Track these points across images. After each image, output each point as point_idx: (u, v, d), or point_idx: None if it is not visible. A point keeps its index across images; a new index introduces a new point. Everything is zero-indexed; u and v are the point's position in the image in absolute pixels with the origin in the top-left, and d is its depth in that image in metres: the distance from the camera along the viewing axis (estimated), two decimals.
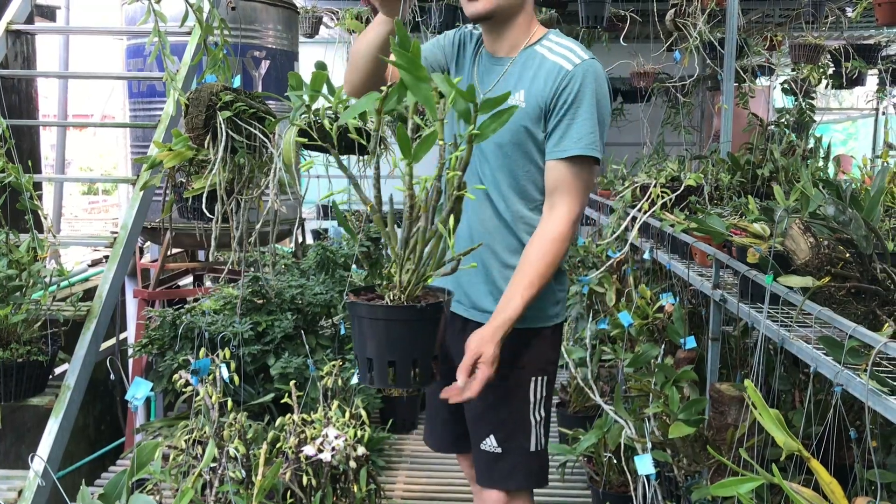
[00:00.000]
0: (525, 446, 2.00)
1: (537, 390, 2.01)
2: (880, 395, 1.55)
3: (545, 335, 2.03)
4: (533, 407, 2.01)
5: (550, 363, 2.06)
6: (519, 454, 2.00)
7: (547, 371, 2.04)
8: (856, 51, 6.30)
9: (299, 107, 2.75)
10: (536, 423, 2.01)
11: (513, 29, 2.01)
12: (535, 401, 2.01)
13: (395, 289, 1.75)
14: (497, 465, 2.00)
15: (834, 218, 1.91)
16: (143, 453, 2.05)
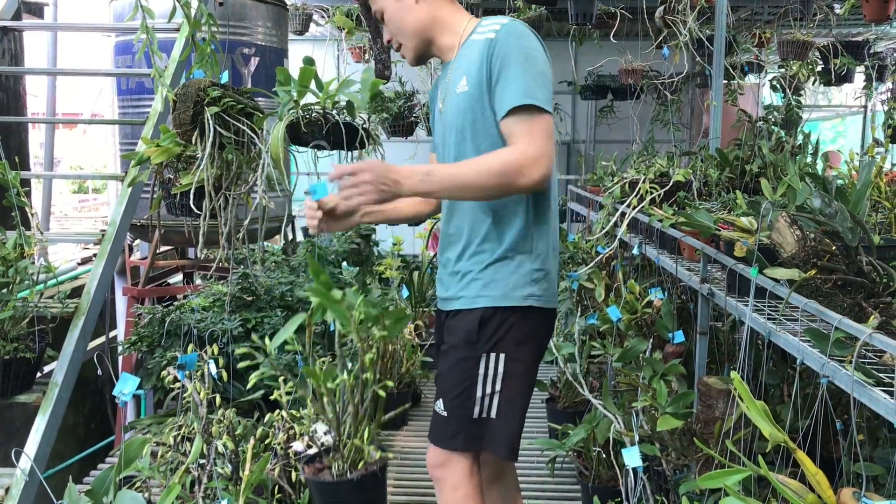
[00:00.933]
0: (468, 414, 2.03)
1: (489, 366, 2.02)
2: (865, 387, 1.55)
3: (506, 315, 2.02)
4: (482, 380, 2.02)
5: (515, 343, 2.03)
6: (462, 419, 2.04)
7: (505, 350, 2.02)
8: (844, 47, 6.33)
9: (287, 102, 2.76)
10: (484, 395, 2.02)
11: (441, 42, 2.12)
12: (485, 375, 2.02)
13: (339, 460, 2.03)
14: (443, 427, 2.07)
15: (820, 211, 1.92)
16: (131, 449, 2.05)
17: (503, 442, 2.04)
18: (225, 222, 2.94)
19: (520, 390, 2.07)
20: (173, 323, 3.56)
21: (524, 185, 1.88)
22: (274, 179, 2.86)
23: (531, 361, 2.09)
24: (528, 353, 2.07)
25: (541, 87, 1.91)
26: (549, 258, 2.08)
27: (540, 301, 2.05)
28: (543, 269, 2.06)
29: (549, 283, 2.08)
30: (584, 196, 5.15)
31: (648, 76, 6.97)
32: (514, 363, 2.04)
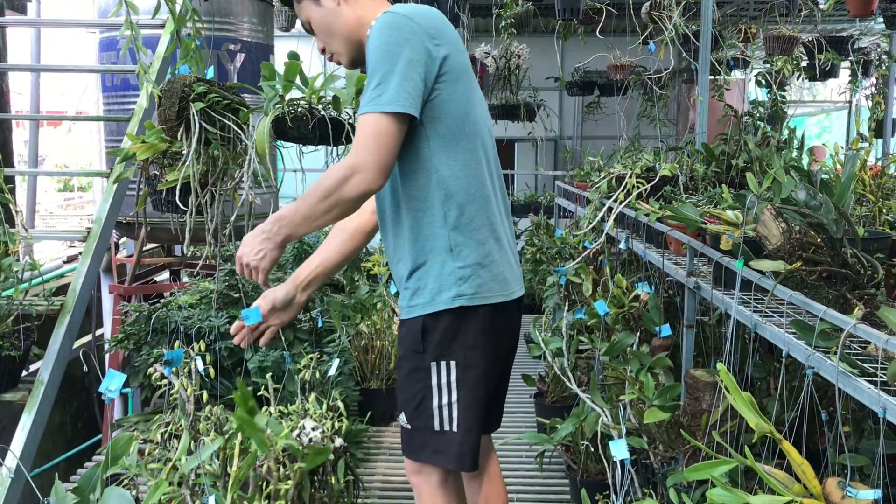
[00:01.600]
0: (430, 425, 1.99)
1: (441, 374, 1.97)
2: (850, 377, 1.56)
3: (445, 321, 1.95)
4: (437, 390, 1.97)
5: (462, 347, 1.96)
6: (423, 433, 2.01)
7: (454, 356, 1.96)
8: (829, 43, 6.37)
9: (272, 97, 2.75)
10: (441, 405, 1.97)
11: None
12: (439, 384, 1.97)
13: None
14: (409, 439, 2.05)
15: (805, 203, 1.93)
16: (118, 446, 2.04)
17: (468, 455, 1.99)
18: (211, 219, 2.93)
19: (478, 397, 1.99)
20: (160, 320, 3.55)
21: (356, 195, 1.83)
22: (260, 175, 2.86)
23: (489, 362, 2.00)
24: (481, 357, 1.97)
25: (394, 80, 1.81)
26: (477, 250, 1.96)
27: (474, 299, 1.94)
28: (469, 264, 1.94)
29: (484, 278, 1.96)
30: (571, 192, 5.15)
31: (636, 72, 6.99)
32: (468, 370, 1.97)
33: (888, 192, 2.73)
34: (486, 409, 2.04)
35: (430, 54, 1.86)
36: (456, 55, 1.93)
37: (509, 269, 2.04)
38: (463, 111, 1.95)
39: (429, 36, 1.86)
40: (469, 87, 1.97)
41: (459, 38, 1.99)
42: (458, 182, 1.94)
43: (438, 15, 1.96)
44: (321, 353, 3.47)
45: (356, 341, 4.07)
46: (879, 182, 2.69)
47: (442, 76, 1.89)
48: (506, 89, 6.91)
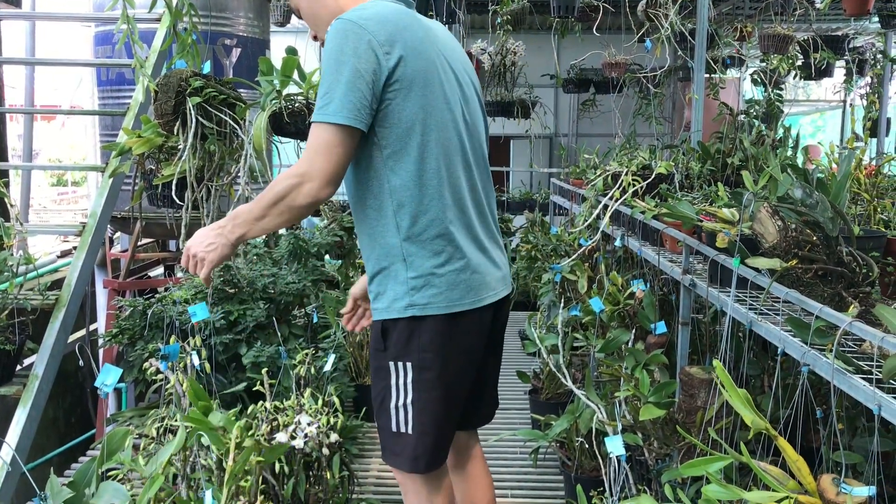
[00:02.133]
0: (388, 426, 2.01)
1: (398, 374, 1.97)
2: (846, 374, 1.57)
3: (400, 326, 1.95)
4: (395, 390, 1.98)
5: (416, 351, 1.95)
6: (384, 433, 2.03)
7: (409, 358, 1.96)
8: (824, 42, 6.39)
9: (269, 92, 2.75)
10: (397, 406, 1.98)
11: None
12: (397, 384, 1.98)
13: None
14: (380, 439, 2.07)
15: (801, 201, 1.94)
16: (113, 441, 2.04)
17: (423, 457, 2.00)
18: (207, 213, 2.93)
19: (434, 399, 1.98)
20: (155, 315, 3.54)
21: (305, 203, 1.85)
22: (256, 170, 2.85)
23: (450, 366, 1.98)
24: (437, 360, 1.95)
25: (335, 94, 1.81)
26: (431, 260, 1.94)
27: (425, 309, 1.93)
28: (421, 275, 1.93)
29: (439, 287, 1.94)
30: (566, 189, 5.16)
31: (631, 70, 7.00)
32: (423, 371, 1.96)
33: (883, 190, 2.74)
34: (447, 412, 2.02)
35: (378, 63, 1.82)
36: (412, 61, 1.87)
37: (480, 275, 2.00)
38: (417, 119, 1.89)
39: (378, 44, 1.83)
40: (427, 93, 1.90)
41: (425, 40, 1.93)
42: (409, 192, 1.91)
43: (395, 18, 1.90)
44: (316, 348, 3.48)
45: (351, 337, 4.07)
46: (874, 181, 2.70)
47: (391, 85, 1.85)
48: (501, 86, 6.91)
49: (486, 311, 2.04)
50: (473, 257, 1.99)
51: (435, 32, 2.01)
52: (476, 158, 2.08)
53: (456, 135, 1.99)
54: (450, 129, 1.97)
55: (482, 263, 2.02)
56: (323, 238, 4.46)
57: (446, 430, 2.03)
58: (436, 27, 2.06)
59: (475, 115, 2.11)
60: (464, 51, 2.18)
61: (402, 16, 1.92)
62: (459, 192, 1.99)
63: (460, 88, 2.04)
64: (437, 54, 1.96)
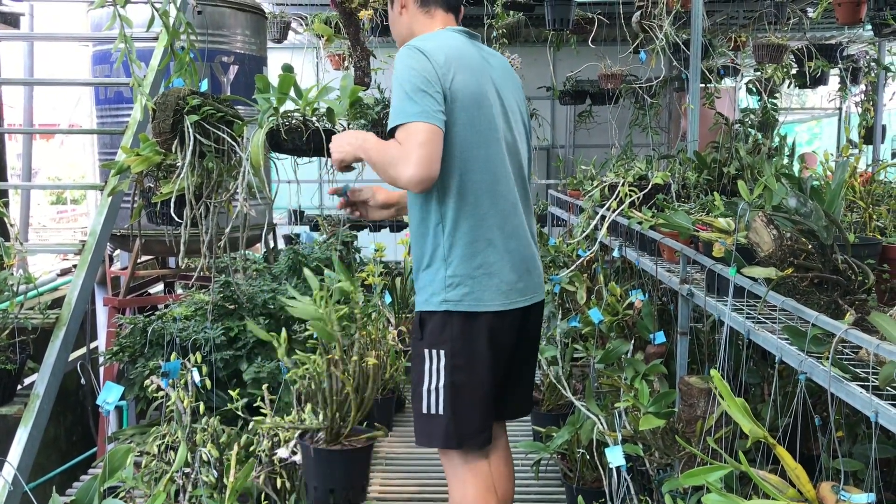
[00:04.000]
0: (419, 408, 2.26)
1: (432, 360, 2.23)
2: (842, 382, 1.58)
3: (436, 318, 2.23)
4: (428, 375, 2.23)
5: (448, 341, 2.21)
6: (417, 415, 2.29)
7: (442, 347, 2.22)
8: (818, 50, 6.42)
9: (267, 109, 2.76)
10: (429, 389, 2.23)
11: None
12: (430, 369, 2.23)
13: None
14: (416, 423, 2.33)
15: (796, 210, 1.95)
16: (115, 458, 2.05)
17: (454, 436, 2.23)
18: (206, 231, 2.94)
19: (466, 383, 2.23)
20: (155, 332, 3.54)
21: (396, 177, 2.11)
22: (255, 187, 2.87)
23: (479, 356, 2.23)
24: (467, 350, 2.22)
25: (411, 103, 2.11)
26: (466, 263, 2.21)
27: (457, 306, 2.20)
28: (457, 275, 2.20)
29: (469, 288, 2.20)
30: (564, 200, 5.18)
31: (627, 81, 7.03)
32: (455, 358, 2.21)
33: (878, 198, 2.75)
34: (482, 398, 2.25)
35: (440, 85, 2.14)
36: (466, 81, 2.19)
37: (511, 282, 2.26)
38: (463, 134, 2.18)
39: (437, 65, 2.15)
40: (474, 112, 2.20)
41: (477, 67, 2.26)
42: (452, 202, 2.20)
43: (455, 45, 2.24)
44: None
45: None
46: (869, 188, 2.72)
47: (445, 100, 2.15)
48: None
49: (519, 313, 2.30)
50: (506, 264, 2.25)
51: (491, 62, 2.35)
52: (516, 177, 2.35)
53: (498, 154, 2.26)
54: (493, 147, 2.25)
55: (513, 270, 2.27)
56: (322, 252, 4.47)
57: (475, 413, 2.24)
58: (493, 58, 2.40)
59: (518, 139, 2.40)
60: (519, 81, 2.53)
61: (461, 45, 2.27)
62: (499, 205, 2.26)
63: (504, 113, 2.33)
64: (488, 80, 2.27)
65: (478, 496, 2.25)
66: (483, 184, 2.21)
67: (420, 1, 2.38)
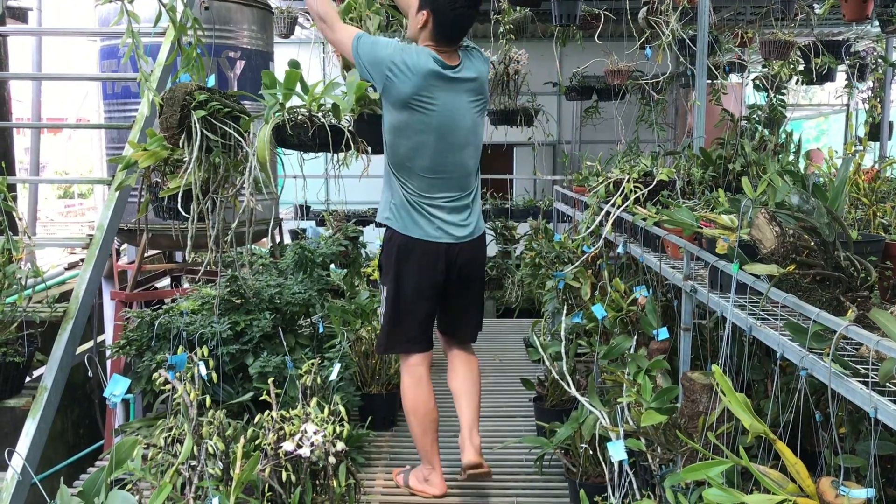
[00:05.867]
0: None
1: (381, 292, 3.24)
2: (843, 378, 1.59)
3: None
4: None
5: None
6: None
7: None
8: (825, 47, 6.40)
9: (273, 105, 2.78)
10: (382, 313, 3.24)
11: None
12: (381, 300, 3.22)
13: None
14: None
15: (798, 207, 1.96)
16: (122, 450, 2.07)
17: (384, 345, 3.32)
18: (213, 225, 2.96)
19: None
20: (162, 326, 3.57)
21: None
22: (261, 182, 2.88)
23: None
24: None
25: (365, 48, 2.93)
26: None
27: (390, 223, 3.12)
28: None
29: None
30: (569, 196, 5.18)
31: (633, 77, 7.01)
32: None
33: (883, 195, 2.75)
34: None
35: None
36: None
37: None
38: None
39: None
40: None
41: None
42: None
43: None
44: (322, 358, 3.50)
45: (356, 347, 4.09)
46: (874, 185, 2.72)
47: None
48: (504, 95, 6.94)
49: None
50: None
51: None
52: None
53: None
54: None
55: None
56: (328, 248, 4.49)
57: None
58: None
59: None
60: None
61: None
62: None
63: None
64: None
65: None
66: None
67: (435, 35, 2.99)
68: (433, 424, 3.25)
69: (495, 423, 4.13)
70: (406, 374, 3.23)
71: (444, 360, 3.45)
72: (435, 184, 3.05)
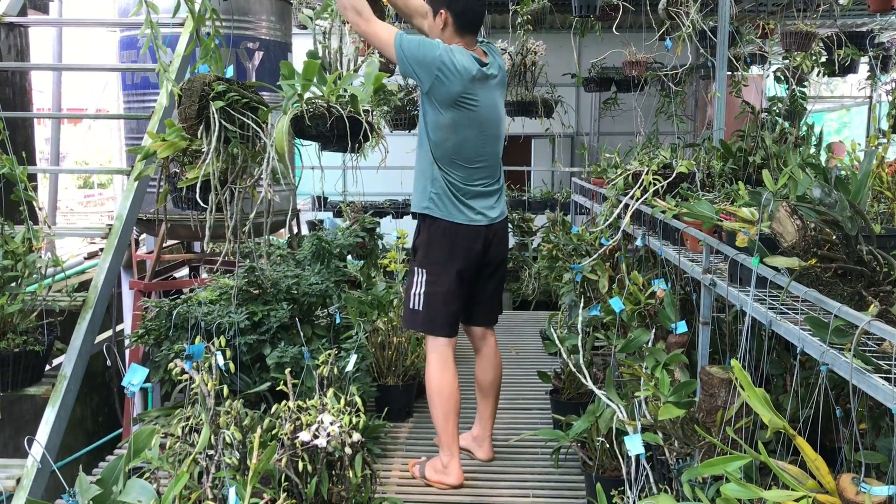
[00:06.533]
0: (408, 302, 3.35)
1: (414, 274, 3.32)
2: (865, 374, 1.57)
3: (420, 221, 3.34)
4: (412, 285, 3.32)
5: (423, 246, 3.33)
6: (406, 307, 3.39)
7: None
8: (848, 38, 6.32)
9: (291, 96, 2.78)
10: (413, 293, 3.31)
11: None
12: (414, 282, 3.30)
13: None
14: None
15: (820, 200, 1.94)
16: (140, 439, 2.08)
17: (424, 325, 3.36)
18: (231, 216, 2.96)
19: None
20: (180, 316, 3.59)
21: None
22: (279, 173, 2.89)
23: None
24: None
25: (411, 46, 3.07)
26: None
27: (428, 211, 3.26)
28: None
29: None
30: (587, 188, 5.16)
31: (652, 68, 6.96)
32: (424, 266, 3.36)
33: None
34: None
35: None
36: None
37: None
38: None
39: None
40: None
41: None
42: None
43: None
44: (339, 349, 3.51)
45: (373, 337, 4.09)
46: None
47: None
48: (522, 86, 6.91)
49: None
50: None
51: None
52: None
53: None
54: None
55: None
56: (345, 239, 4.50)
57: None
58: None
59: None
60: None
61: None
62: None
63: None
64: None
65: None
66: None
67: (458, 28, 3.18)
68: (456, 408, 3.30)
69: (511, 416, 4.13)
70: (435, 355, 3.28)
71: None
72: (475, 172, 3.24)
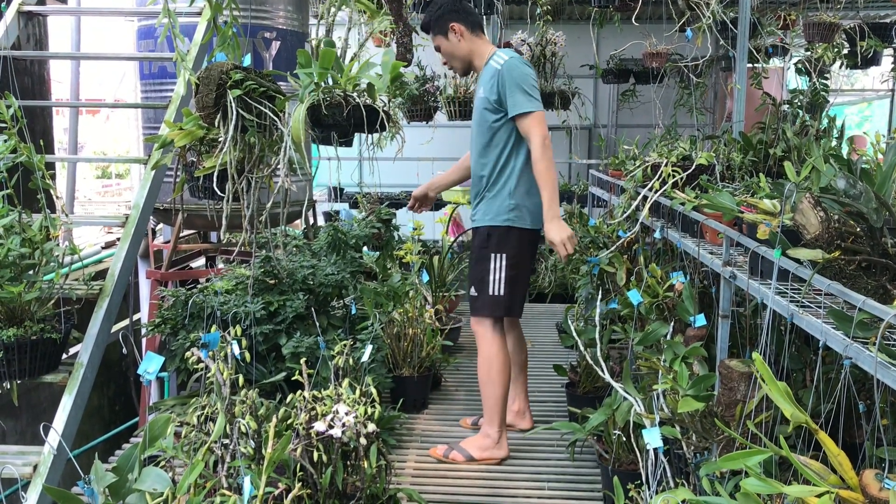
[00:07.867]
0: (487, 291, 3.43)
1: (495, 261, 3.41)
2: (890, 368, 1.54)
3: (500, 231, 3.40)
4: (492, 270, 3.41)
5: (506, 248, 3.42)
6: (485, 295, 3.44)
7: (504, 253, 3.41)
8: (871, 30, 6.23)
9: (308, 84, 2.76)
10: (494, 280, 3.41)
11: (476, 63, 3.52)
12: (495, 267, 3.41)
13: None
14: (474, 303, 3.50)
15: (845, 192, 1.90)
16: (155, 427, 2.08)
17: (505, 308, 3.48)
18: (247, 205, 2.96)
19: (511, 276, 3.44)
20: (196, 305, 3.59)
21: (545, 145, 3.28)
22: (296, 163, 2.87)
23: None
24: (513, 255, 3.45)
25: (528, 94, 3.28)
26: (517, 192, 3.41)
27: (513, 223, 3.40)
28: (514, 202, 3.41)
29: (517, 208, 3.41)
30: (605, 180, 5.12)
31: (672, 60, 6.90)
32: (511, 261, 3.42)
33: None
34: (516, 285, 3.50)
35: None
36: None
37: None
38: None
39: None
40: None
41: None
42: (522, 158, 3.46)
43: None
44: (354, 339, 3.50)
45: (388, 329, 4.09)
46: None
47: None
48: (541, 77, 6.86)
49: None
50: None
51: None
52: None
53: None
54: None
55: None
56: (361, 230, 4.48)
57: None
58: None
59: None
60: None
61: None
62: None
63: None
64: None
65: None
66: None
67: (471, 30, 3.44)
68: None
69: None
70: (497, 336, 3.47)
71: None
72: (533, 180, 3.40)
